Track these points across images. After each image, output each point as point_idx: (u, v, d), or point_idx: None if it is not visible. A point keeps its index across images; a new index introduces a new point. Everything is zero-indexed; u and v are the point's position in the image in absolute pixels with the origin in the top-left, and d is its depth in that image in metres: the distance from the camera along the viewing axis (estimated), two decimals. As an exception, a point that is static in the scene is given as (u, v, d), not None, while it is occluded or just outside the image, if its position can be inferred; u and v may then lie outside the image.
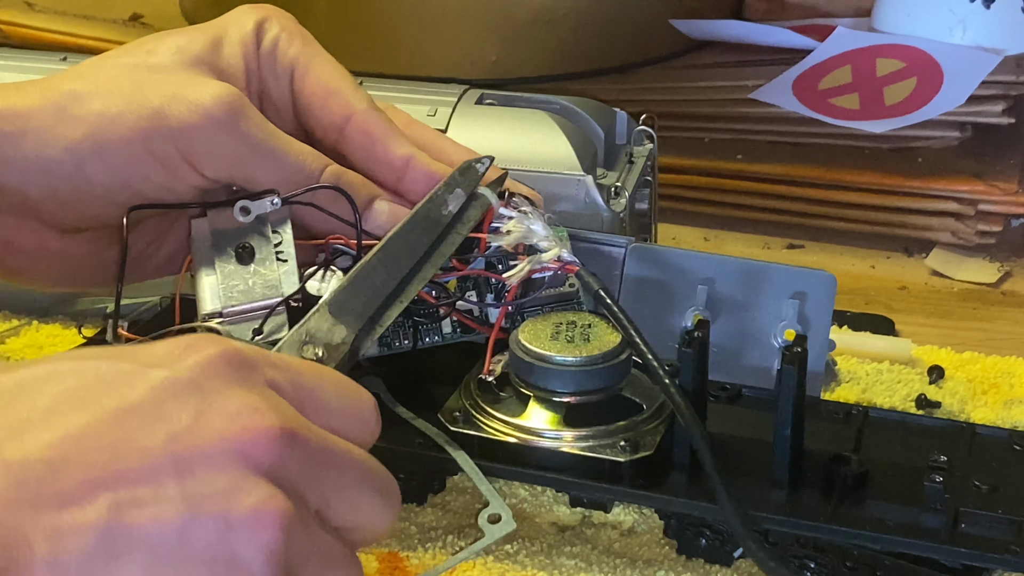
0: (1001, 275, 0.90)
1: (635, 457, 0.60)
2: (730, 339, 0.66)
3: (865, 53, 1.07)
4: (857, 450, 0.62)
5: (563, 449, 0.61)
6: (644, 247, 0.68)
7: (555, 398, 0.61)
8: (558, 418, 0.61)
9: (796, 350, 0.60)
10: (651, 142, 0.77)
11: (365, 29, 1.11)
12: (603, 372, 0.61)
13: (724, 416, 0.65)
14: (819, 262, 0.92)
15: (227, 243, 0.62)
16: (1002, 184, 0.96)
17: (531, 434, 0.61)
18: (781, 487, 0.60)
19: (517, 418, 0.61)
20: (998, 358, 0.77)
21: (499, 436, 0.61)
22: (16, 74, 0.80)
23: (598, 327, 0.62)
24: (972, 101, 1.00)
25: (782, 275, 0.66)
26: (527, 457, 0.61)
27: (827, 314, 0.66)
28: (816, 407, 0.65)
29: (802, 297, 0.66)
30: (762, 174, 0.99)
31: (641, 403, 0.62)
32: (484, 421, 0.62)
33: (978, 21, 1.06)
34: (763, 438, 0.61)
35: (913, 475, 0.60)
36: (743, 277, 0.66)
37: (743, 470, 0.61)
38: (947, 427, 0.65)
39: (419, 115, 0.75)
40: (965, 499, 0.59)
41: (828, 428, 0.64)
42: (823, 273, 0.66)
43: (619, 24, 1.13)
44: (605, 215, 0.72)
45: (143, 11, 1.22)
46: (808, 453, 0.61)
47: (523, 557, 0.62)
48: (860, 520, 0.58)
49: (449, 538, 0.63)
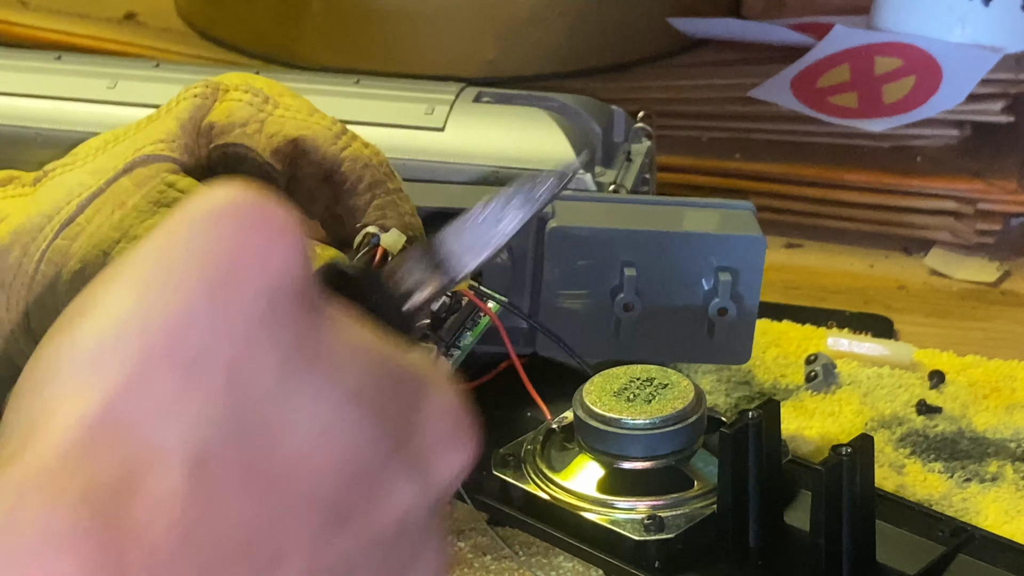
0: (1000, 274, 0.90)
1: (653, 538, 0.55)
2: (661, 315, 0.65)
3: (863, 51, 1.07)
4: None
5: (585, 514, 0.57)
6: (564, 228, 0.65)
7: (602, 460, 0.58)
8: (601, 481, 0.58)
9: (844, 452, 0.53)
10: (649, 140, 0.77)
11: (362, 28, 1.10)
12: (651, 439, 0.57)
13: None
14: (818, 261, 0.91)
15: None
16: (1001, 183, 0.95)
17: (564, 491, 0.58)
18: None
19: (557, 473, 0.59)
20: (1000, 362, 0.77)
21: (532, 488, 0.59)
22: (10, 73, 0.80)
23: (674, 389, 0.58)
24: (971, 99, 1.00)
25: (708, 243, 0.65)
26: (549, 514, 0.58)
27: (757, 279, 0.64)
28: (923, 521, 0.58)
29: (732, 264, 0.64)
30: (760, 173, 0.98)
31: (692, 479, 0.58)
32: (530, 470, 0.59)
33: (977, 19, 1.06)
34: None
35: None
36: (668, 248, 0.64)
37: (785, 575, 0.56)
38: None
39: (416, 113, 0.75)
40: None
41: (922, 545, 0.57)
42: (750, 236, 0.64)
43: (616, 22, 1.12)
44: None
45: (138, 9, 1.21)
46: (879, 569, 0.55)
47: (522, 558, 0.61)
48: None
49: (449, 538, 0.62)
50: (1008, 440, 0.70)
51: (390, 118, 0.75)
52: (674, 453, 0.58)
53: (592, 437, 0.58)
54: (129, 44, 1.13)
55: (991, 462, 0.69)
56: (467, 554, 0.62)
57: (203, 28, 1.17)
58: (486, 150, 0.67)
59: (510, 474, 0.59)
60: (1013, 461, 0.69)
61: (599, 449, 0.58)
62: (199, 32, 1.17)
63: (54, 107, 0.78)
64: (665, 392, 0.58)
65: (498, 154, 0.69)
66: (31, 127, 0.77)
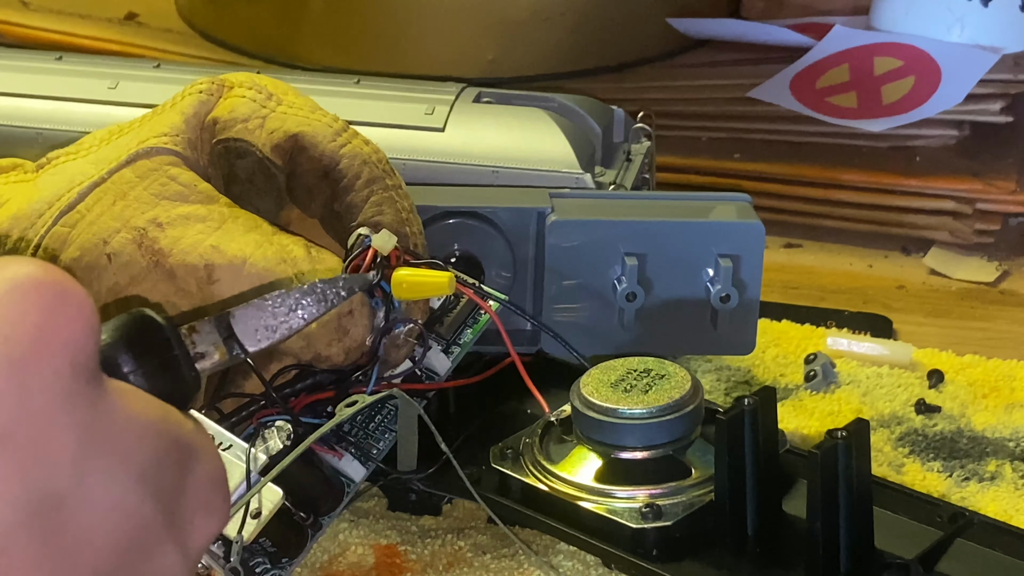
0: (999, 274, 0.90)
1: (652, 525, 0.56)
2: (665, 307, 0.65)
3: (863, 51, 1.07)
4: (928, 561, 0.55)
5: (583, 504, 0.57)
6: (564, 221, 0.66)
7: (600, 450, 0.58)
8: (599, 471, 0.58)
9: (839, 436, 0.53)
10: (648, 140, 0.77)
11: (362, 28, 1.10)
12: (648, 429, 0.57)
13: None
14: (817, 261, 0.91)
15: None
16: (1000, 183, 0.95)
17: (562, 482, 0.58)
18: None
19: (556, 465, 0.59)
20: (999, 361, 0.77)
21: (530, 480, 0.59)
22: (11, 73, 0.80)
23: (671, 379, 0.59)
24: (970, 99, 1.00)
25: (707, 231, 0.65)
26: (547, 505, 0.58)
27: (758, 266, 0.64)
28: (921, 506, 0.58)
29: (732, 251, 0.65)
30: (759, 173, 0.98)
31: (690, 468, 0.58)
32: (528, 462, 0.59)
33: (976, 19, 1.06)
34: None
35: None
36: (668, 238, 0.65)
37: (783, 562, 0.55)
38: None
39: (417, 113, 0.75)
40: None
41: (920, 531, 0.57)
42: (748, 223, 0.65)
43: (616, 23, 1.12)
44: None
45: (138, 10, 1.21)
46: (877, 555, 0.54)
47: (521, 556, 0.62)
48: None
49: (449, 537, 0.63)
50: (1007, 439, 0.70)
51: (390, 118, 0.75)
52: (671, 442, 0.58)
53: (590, 428, 0.58)
54: (130, 45, 1.14)
55: (990, 461, 0.69)
56: (467, 553, 0.62)
57: (204, 29, 1.17)
58: (486, 150, 0.67)
59: (508, 466, 0.60)
60: (1012, 460, 0.69)
61: (597, 440, 0.58)
62: (200, 33, 1.18)
63: (55, 107, 0.78)
64: (662, 382, 0.58)
65: (498, 154, 0.69)
66: (32, 127, 0.77)
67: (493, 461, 0.60)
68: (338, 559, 0.62)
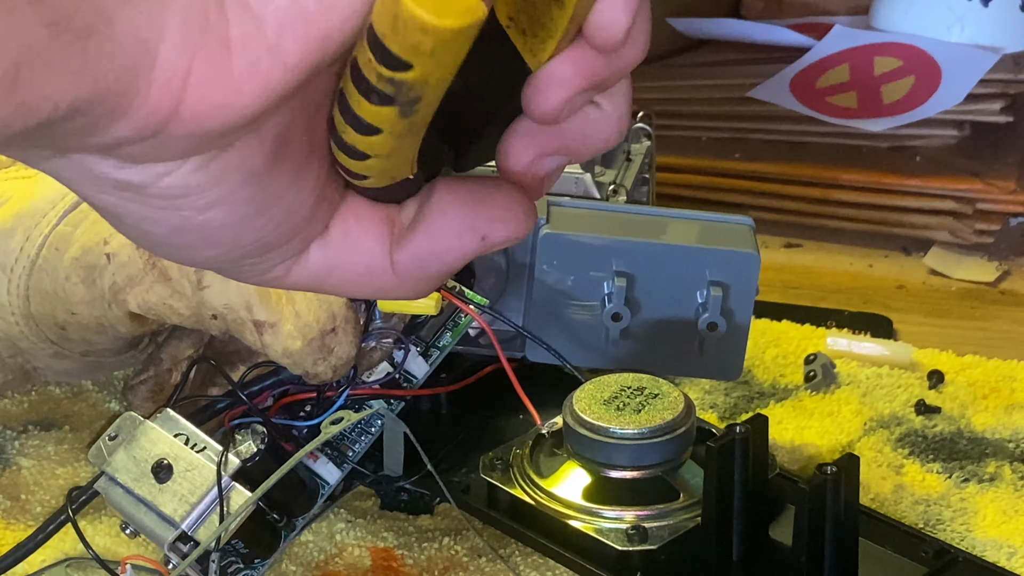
0: (999, 274, 0.90)
1: (638, 548, 0.55)
2: (653, 328, 0.64)
3: (863, 51, 1.07)
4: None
5: (570, 522, 0.57)
6: (556, 235, 0.65)
7: (589, 468, 0.58)
8: (587, 489, 0.57)
9: (828, 471, 0.52)
10: (648, 140, 0.77)
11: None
12: (639, 450, 0.57)
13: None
14: (817, 261, 0.91)
15: (140, 475, 0.56)
16: (1000, 183, 0.95)
17: (550, 498, 0.58)
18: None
19: (545, 479, 0.58)
20: (999, 362, 0.77)
21: (518, 493, 0.58)
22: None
23: (664, 399, 0.58)
24: (970, 99, 1.00)
25: (700, 256, 0.64)
26: (534, 520, 0.58)
27: (750, 295, 0.63)
28: (908, 541, 0.57)
29: (724, 279, 0.63)
30: (759, 173, 0.98)
31: (679, 491, 0.57)
32: (518, 474, 0.59)
33: (976, 19, 1.06)
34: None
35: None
36: (660, 260, 0.64)
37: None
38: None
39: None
40: None
41: (905, 566, 0.56)
42: (743, 252, 0.64)
43: (616, 22, 1.12)
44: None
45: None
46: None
47: (516, 558, 0.61)
48: None
49: (445, 540, 0.62)
50: (1006, 440, 0.70)
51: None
52: (661, 464, 0.57)
53: (580, 445, 0.57)
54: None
55: (989, 462, 0.69)
56: (462, 557, 0.62)
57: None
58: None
59: (497, 477, 0.59)
60: (1011, 461, 0.68)
61: (587, 457, 0.57)
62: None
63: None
64: (655, 402, 0.58)
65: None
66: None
67: (483, 471, 0.59)
68: (335, 559, 0.62)
